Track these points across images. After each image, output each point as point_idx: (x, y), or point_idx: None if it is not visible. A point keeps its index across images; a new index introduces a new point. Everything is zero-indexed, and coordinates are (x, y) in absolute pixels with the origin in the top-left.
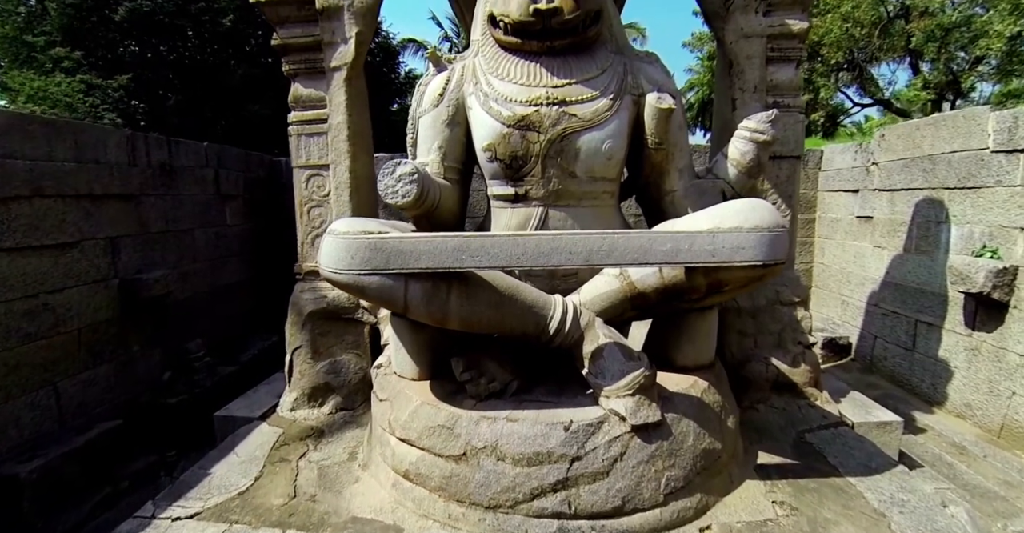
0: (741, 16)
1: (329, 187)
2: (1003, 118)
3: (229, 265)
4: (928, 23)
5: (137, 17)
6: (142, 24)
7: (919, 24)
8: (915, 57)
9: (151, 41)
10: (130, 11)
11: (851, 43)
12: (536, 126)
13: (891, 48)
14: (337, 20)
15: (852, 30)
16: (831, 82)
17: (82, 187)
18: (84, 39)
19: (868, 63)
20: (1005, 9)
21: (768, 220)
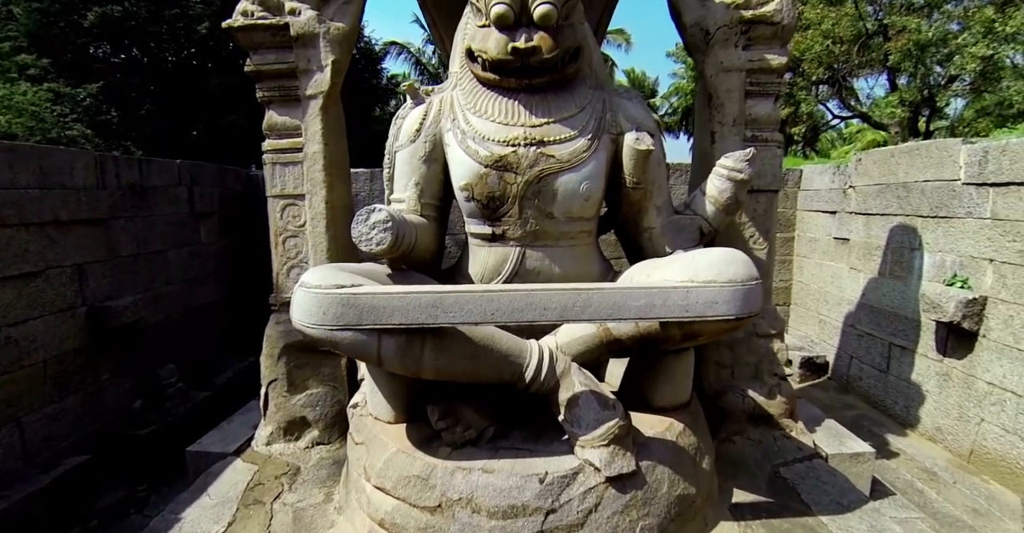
0: (721, 50)
1: (305, 217)
2: (974, 152)
3: (204, 285)
4: (905, 42)
5: (107, 23)
6: (113, 30)
7: (896, 43)
8: (892, 73)
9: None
10: (100, 16)
11: (831, 59)
12: (514, 167)
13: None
14: (313, 47)
15: (832, 47)
16: (811, 96)
17: (47, 214)
18: (52, 45)
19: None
20: (979, 31)
21: (742, 274)
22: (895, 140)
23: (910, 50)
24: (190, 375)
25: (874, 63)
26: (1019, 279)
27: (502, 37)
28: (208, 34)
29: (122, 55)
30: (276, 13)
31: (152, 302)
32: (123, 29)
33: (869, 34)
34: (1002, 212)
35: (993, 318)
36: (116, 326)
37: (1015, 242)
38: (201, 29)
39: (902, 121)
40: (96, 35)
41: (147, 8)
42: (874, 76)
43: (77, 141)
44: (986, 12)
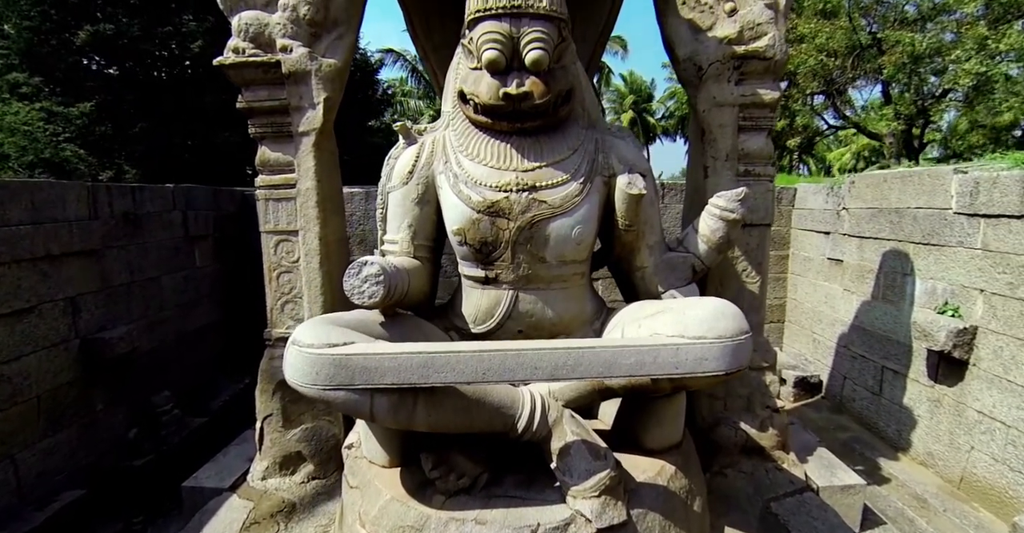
0: (714, 85)
1: (299, 253)
2: (965, 182)
3: (199, 308)
4: (899, 56)
5: (100, 40)
6: (105, 48)
7: (891, 57)
8: (887, 85)
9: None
10: (92, 34)
11: (825, 72)
12: (506, 213)
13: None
14: (305, 84)
15: (826, 60)
16: (806, 107)
17: (39, 249)
18: (44, 63)
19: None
20: (972, 48)
21: (732, 328)
22: (890, 149)
23: (904, 63)
24: (185, 400)
25: (868, 73)
26: (1009, 311)
27: (494, 82)
28: (201, 51)
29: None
30: (268, 50)
31: (146, 330)
32: (116, 47)
33: (863, 47)
34: (993, 244)
35: (983, 348)
36: (110, 358)
37: (1005, 274)
38: (194, 47)
39: (896, 132)
40: (88, 53)
41: (140, 25)
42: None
43: (70, 161)
44: (979, 29)
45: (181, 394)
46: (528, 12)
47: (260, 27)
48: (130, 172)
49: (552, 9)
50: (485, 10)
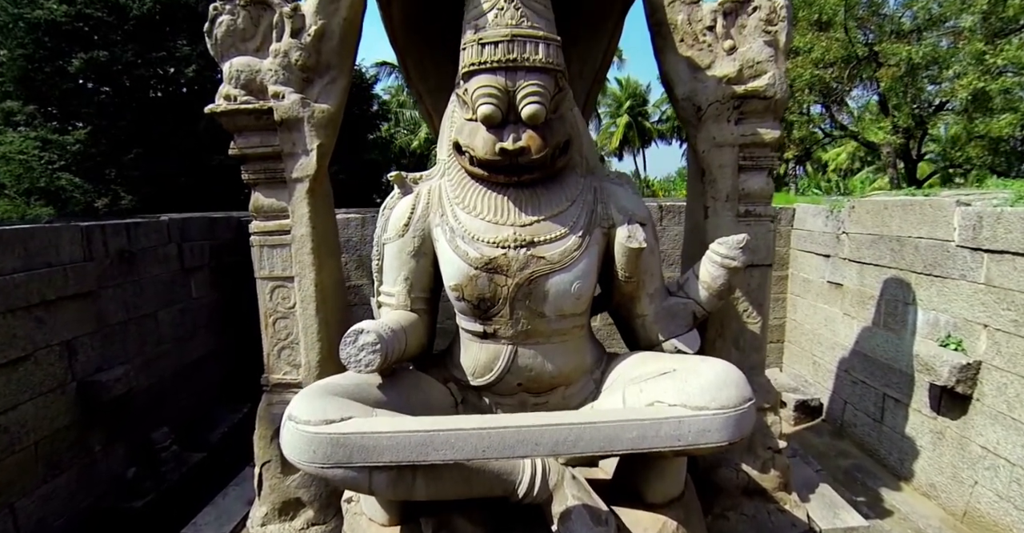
0: (713, 125)
1: (295, 299)
2: (968, 215)
3: (196, 339)
4: (895, 70)
5: (94, 67)
6: (100, 74)
7: (887, 71)
8: (884, 97)
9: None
10: (86, 61)
11: (822, 85)
12: (504, 269)
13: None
14: (298, 131)
15: (822, 74)
16: (803, 117)
17: (33, 296)
18: (38, 91)
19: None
20: (969, 63)
21: (735, 398)
22: (887, 159)
23: (901, 77)
24: (184, 434)
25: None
26: (1013, 348)
27: (489, 137)
28: (196, 74)
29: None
30: (260, 97)
31: (143, 367)
32: (110, 72)
33: (859, 59)
34: (996, 279)
35: (987, 384)
36: (107, 400)
37: (1009, 311)
38: (188, 71)
39: (894, 144)
40: (83, 79)
41: (134, 51)
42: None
43: (66, 189)
44: (976, 44)
45: (180, 428)
46: (524, 65)
47: (251, 74)
48: (126, 198)
49: (548, 61)
50: (480, 63)
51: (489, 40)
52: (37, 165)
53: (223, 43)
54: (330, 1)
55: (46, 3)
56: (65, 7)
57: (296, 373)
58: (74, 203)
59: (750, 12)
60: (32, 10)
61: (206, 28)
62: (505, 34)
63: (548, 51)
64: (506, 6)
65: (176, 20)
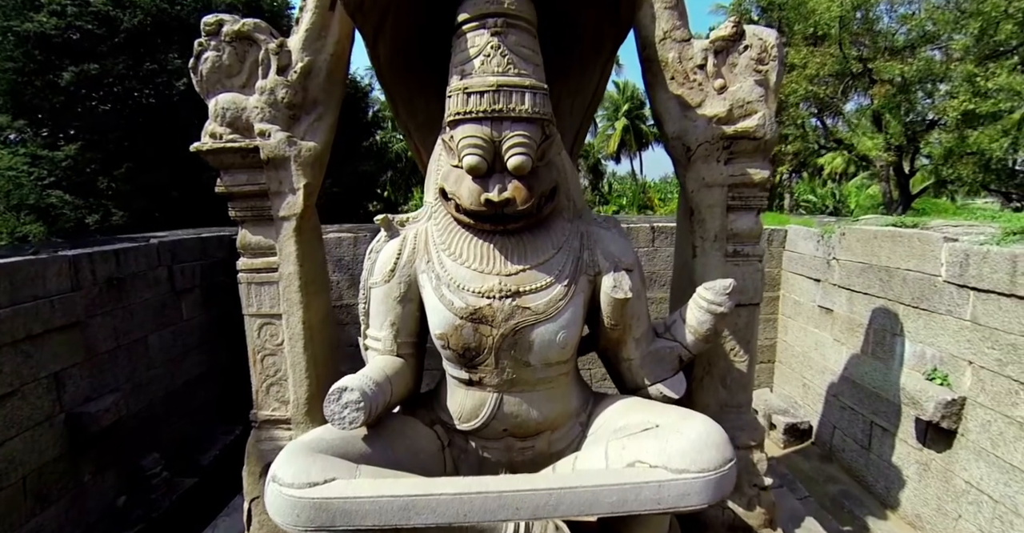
0: (703, 165)
1: (282, 336)
2: (955, 252)
3: (188, 360)
4: (888, 89)
5: (85, 80)
6: (91, 87)
7: (880, 89)
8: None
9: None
10: (76, 75)
11: (817, 101)
12: (489, 320)
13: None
14: (284, 170)
15: (817, 89)
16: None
17: (19, 331)
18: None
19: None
20: (960, 85)
21: (716, 460)
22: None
23: (894, 95)
24: (175, 458)
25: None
26: (997, 386)
27: (475, 187)
28: (187, 88)
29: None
30: (246, 135)
31: (133, 391)
32: (101, 86)
33: (854, 75)
34: (982, 317)
35: (972, 420)
36: (96, 431)
37: (994, 350)
38: (180, 84)
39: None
40: (73, 93)
41: (125, 64)
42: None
43: (56, 206)
44: (968, 66)
45: (171, 451)
46: (510, 116)
47: (237, 111)
48: (117, 214)
49: (535, 111)
50: (466, 113)
51: (475, 90)
52: (27, 181)
53: (208, 79)
54: (316, 38)
55: (36, 16)
56: (55, 20)
57: (285, 409)
58: (64, 220)
59: (741, 51)
60: (22, 23)
61: (191, 64)
62: (491, 84)
63: (534, 100)
64: (492, 53)
65: (168, 31)
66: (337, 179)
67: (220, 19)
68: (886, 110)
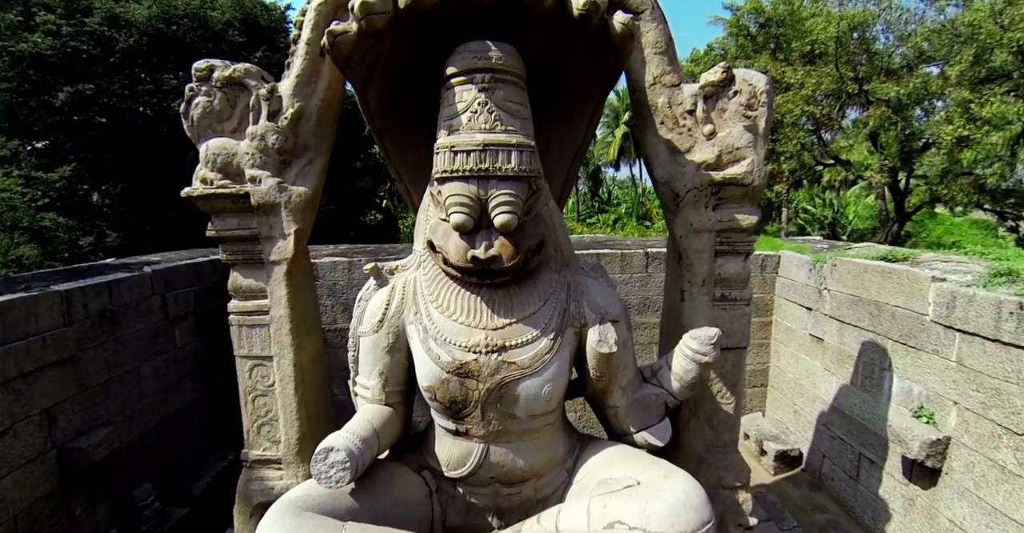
0: (691, 211)
1: (273, 378)
2: (943, 292)
3: (181, 387)
4: (884, 111)
5: (80, 100)
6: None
7: (876, 111)
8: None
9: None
10: (72, 95)
11: (811, 121)
12: (475, 374)
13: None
14: (275, 215)
15: (813, 109)
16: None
17: (11, 370)
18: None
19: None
20: (955, 110)
21: (693, 522)
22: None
23: (889, 116)
24: (168, 486)
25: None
26: (981, 429)
27: (462, 244)
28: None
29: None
30: (237, 180)
31: (125, 422)
32: (96, 106)
33: (849, 94)
34: (967, 359)
35: (956, 459)
36: (87, 466)
37: (979, 393)
38: (175, 105)
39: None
40: (69, 113)
41: (120, 84)
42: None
43: (50, 228)
44: (963, 93)
45: (164, 480)
46: (496, 175)
47: (228, 157)
48: (111, 235)
49: (521, 170)
50: (453, 171)
51: (461, 148)
52: (20, 204)
53: (199, 125)
54: (307, 83)
55: (31, 36)
56: (51, 40)
57: (276, 449)
58: (59, 242)
59: (731, 96)
60: (17, 43)
61: (182, 109)
62: (478, 143)
63: (521, 158)
64: (480, 109)
65: (164, 51)
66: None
67: (211, 65)
68: (882, 131)
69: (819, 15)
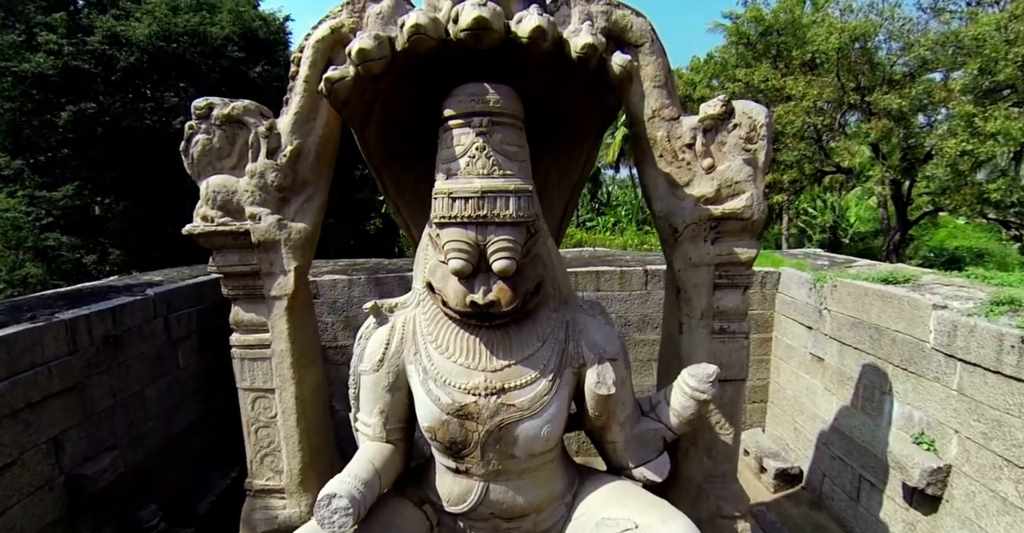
0: (690, 245)
1: (276, 410)
2: (944, 320)
3: (184, 407)
4: (886, 123)
5: (82, 120)
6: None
7: (878, 123)
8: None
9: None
10: (74, 114)
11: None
12: (474, 416)
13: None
14: (275, 252)
15: (814, 120)
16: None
17: (19, 402)
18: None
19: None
20: (958, 124)
21: None
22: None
23: (892, 128)
24: (173, 506)
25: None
26: (983, 459)
27: (460, 288)
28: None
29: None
30: (237, 217)
31: (131, 445)
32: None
33: (850, 105)
34: (968, 389)
35: (957, 487)
36: (94, 492)
37: (980, 423)
38: (176, 123)
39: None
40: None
41: (121, 102)
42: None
43: (54, 248)
44: (966, 107)
45: (168, 500)
46: (494, 221)
47: (228, 194)
48: (114, 253)
49: (519, 215)
50: (451, 217)
51: (459, 195)
52: (25, 223)
53: (199, 162)
54: (305, 121)
55: (34, 56)
56: (52, 59)
57: (279, 479)
58: (63, 261)
59: (730, 129)
60: (19, 63)
61: (182, 147)
62: (476, 190)
63: (519, 204)
64: (478, 154)
65: (164, 68)
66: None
67: (210, 103)
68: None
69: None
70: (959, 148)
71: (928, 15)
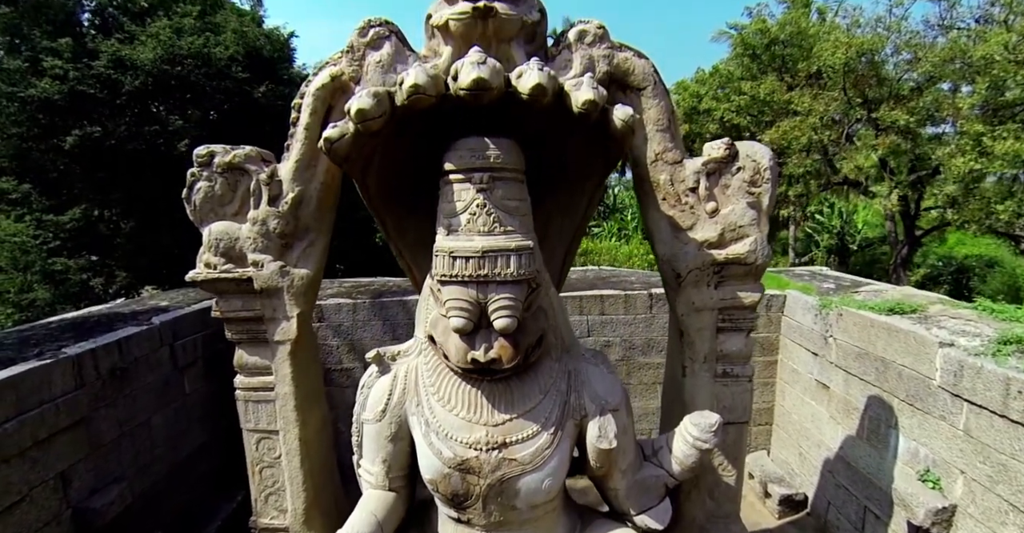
0: (693, 290)
1: (280, 451)
2: (950, 359)
3: (190, 433)
4: (894, 139)
5: (88, 143)
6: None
7: (885, 139)
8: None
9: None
10: (80, 138)
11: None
12: (476, 471)
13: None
14: (278, 298)
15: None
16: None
17: (26, 440)
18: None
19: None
20: (967, 143)
21: None
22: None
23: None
24: (178, 531)
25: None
26: (988, 502)
27: (462, 345)
28: (188, 149)
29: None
30: (240, 264)
31: (137, 475)
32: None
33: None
34: (974, 431)
35: (963, 529)
36: (101, 525)
37: (985, 466)
38: (181, 146)
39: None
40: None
41: (127, 126)
42: None
43: (61, 272)
44: (975, 126)
45: (174, 528)
46: (495, 280)
47: (231, 241)
48: (120, 275)
49: (520, 273)
50: (452, 276)
51: (460, 255)
52: (32, 248)
53: (202, 209)
54: (306, 167)
55: (39, 82)
56: (58, 84)
57: (283, 518)
58: (70, 285)
59: (734, 172)
60: (25, 88)
61: (184, 194)
62: (476, 250)
63: (520, 262)
64: (479, 211)
65: (169, 90)
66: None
67: (211, 151)
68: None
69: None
70: (967, 166)
71: (936, 32)
